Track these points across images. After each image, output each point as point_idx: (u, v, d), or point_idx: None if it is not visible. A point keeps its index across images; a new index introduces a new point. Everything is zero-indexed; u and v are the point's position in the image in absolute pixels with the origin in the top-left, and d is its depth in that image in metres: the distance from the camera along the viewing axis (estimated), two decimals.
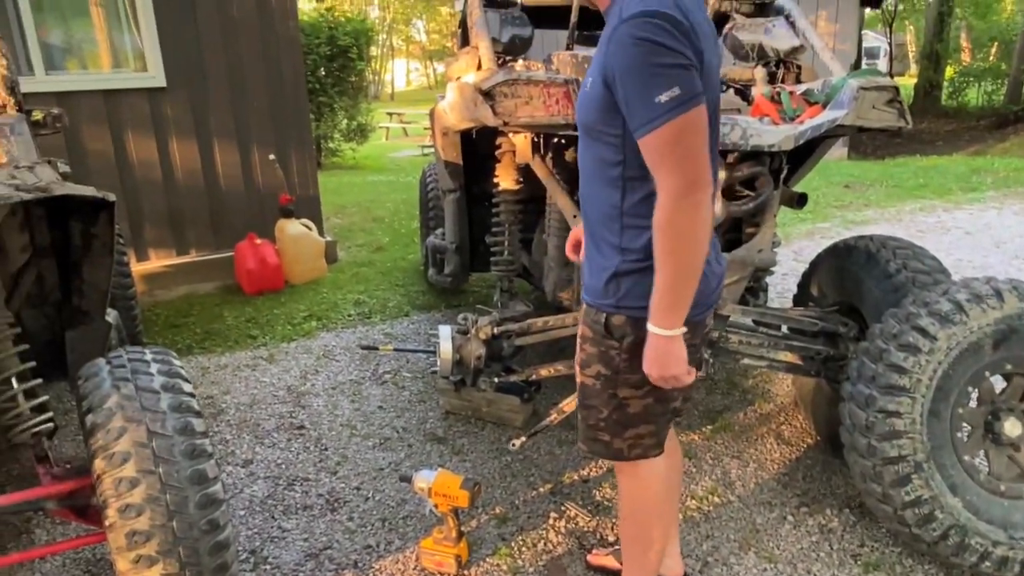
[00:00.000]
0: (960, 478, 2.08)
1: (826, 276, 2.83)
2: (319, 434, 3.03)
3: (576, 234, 1.91)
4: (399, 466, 2.77)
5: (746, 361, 2.66)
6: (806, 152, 2.89)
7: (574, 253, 1.93)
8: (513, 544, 2.31)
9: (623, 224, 1.49)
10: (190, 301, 4.76)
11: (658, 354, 1.44)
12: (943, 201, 7.65)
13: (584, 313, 1.62)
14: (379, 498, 2.57)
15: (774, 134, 2.20)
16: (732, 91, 2.80)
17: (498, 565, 2.22)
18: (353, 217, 7.44)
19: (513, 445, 2.61)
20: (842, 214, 7.12)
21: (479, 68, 2.68)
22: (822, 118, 2.22)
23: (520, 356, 2.86)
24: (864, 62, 22.43)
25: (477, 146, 3.14)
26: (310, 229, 5.15)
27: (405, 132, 18.18)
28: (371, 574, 2.19)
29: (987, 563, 2.02)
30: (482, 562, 2.23)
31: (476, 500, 2.22)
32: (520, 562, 2.23)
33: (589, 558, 2.19)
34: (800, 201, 2.79)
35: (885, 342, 2.10)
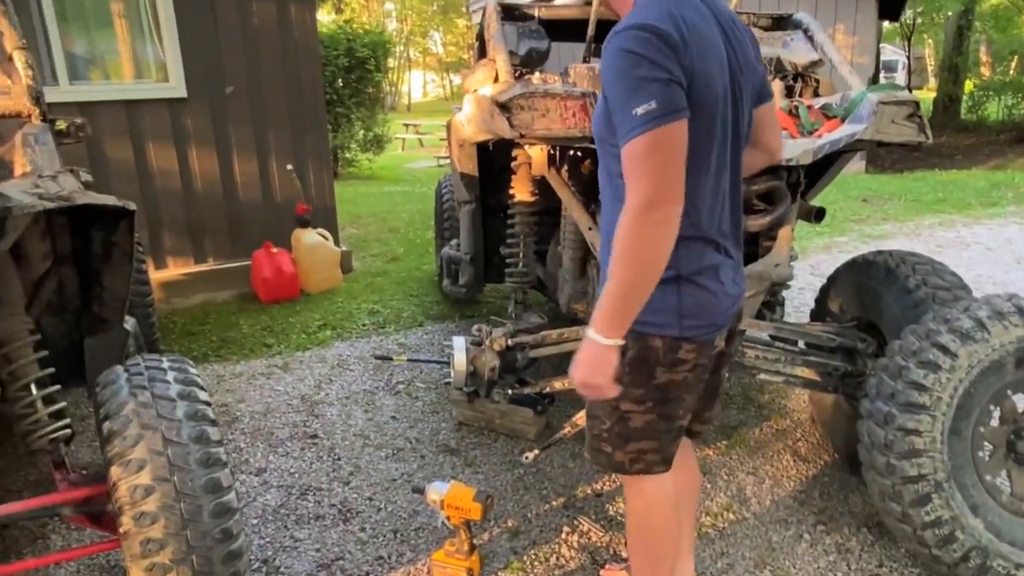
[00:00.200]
0: (982, 498, 2.04)
1: (844, 291, 2.80)
2: (332, 444, 3.04)
3: None
4: (412, 477, 2.76)
5: (762, 376, 2.64)
6: (824, 166, 2.87)
7: None
8: (525, 558, 2.29)
9: None
10: (207, 309, 4.80)
11: (587, 360, 1.42)
12: (963, 216, 7.56)
13: None
14: (391, 509, 2.57)
15: (792, 148, 2.19)
16: None
17: None
18: (369, 227, 7.49)
19: (526, 458, 2.60)
20: (860, 228, 7.06)
21: (496, 80, 2.69)
22: (841, 132, 2.21)
23: (534, 368, 2.85)
24: (882, 75, 22.30)
25: (493, 158, 3.15)
26: (326, 239, 5.18)
27: (421, 143, 18.29)
28: None
29: None
30: None
31: (489, 513, 2.21)
32: None
33: (602, 573, 2.17)
34: (818, 215, 2.77)
35: (905, 359, 2.07)
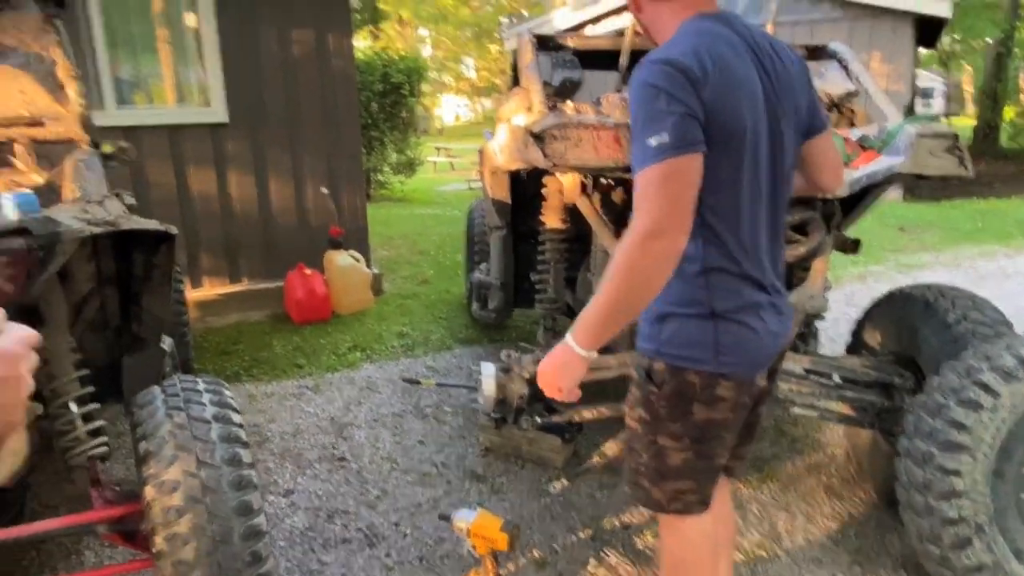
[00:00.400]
0: None
1: (881, 325, 2.74)
2: (360, 466, 3.05)
3: None
4: (438, 502, 2.76)
5: (796, 410, 2.59)
6: (859, 196, 2.83)
7: None
8: None
9: None
10: (240, 328, 4.88)
11: (557, 361, 1.44)
12: (1003, 246, 7.38)
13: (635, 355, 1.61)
14: (417, 535, 2.56)
15: None
16: None
17: None
18: (399, 249, 7.56)
19: (553, 488, 2.57)
20: (896, 257, 6.93)
21: (529, 110, 2.72)
22: (878, 165, 2.18)
23: None
24: (919, 102, 22.02)
25: (524, 184, 3.17)
26: (358, 261, 5.25)
27: (452, 166, 18.48)
28: None
29: None
30: None
31: (515, 544, 2.18)
32: None
33: None
34: (853, 247, 2.73)
35: (944, 396, 2.02)
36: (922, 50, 16.49)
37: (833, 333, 4.53)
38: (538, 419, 2.77)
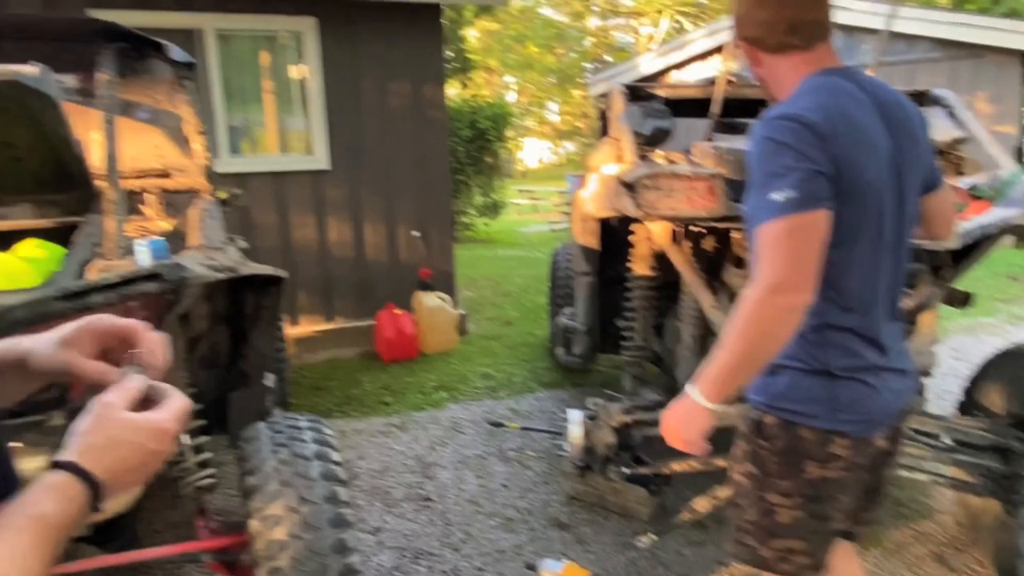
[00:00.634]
0: None
1: (998, 383, 2.56)
2: (444, 508, 3.07)
3: None
4: (522, 549, 2.74)
5: (903, 472, 2.44)
6: (970, 248, 2.69)
7: None
8: None
9: None
10: (333, 365, 5.06)
11: (682, 413, 1.43)
12: None
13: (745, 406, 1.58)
14: None
15: None
16: None
17: None
18: (484, 290, 7.69)
19: (641, 542, 2.51)
20: (1008, 308, 6.47)
21: (620, 159, 2.75)
22: (992, 217, 2.08)
23: (649, 446, 2.79)
24: None
25: (612, 231, 3.19)
26: (444, 301, 5.38)
27: (535, 208, 18.71)
28: None
29: None
30: None
31: None
32: None
33: None
34: (964, 300, 2.59)
35: None
36: None
37: (940, 389, 4.26)
38: (625, 469, 2.73)
